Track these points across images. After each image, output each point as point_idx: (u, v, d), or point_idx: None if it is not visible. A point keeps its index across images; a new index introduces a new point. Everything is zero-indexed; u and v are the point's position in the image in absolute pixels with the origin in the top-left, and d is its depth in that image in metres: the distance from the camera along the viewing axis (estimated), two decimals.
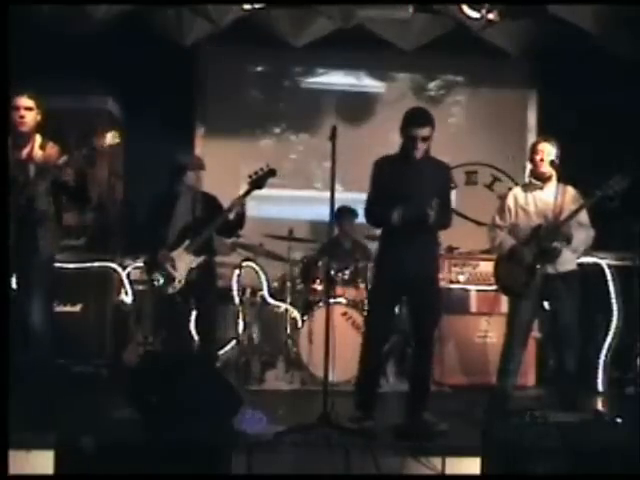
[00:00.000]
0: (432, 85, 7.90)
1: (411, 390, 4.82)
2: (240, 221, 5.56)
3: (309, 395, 5.60)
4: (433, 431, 4.47)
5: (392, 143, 7.65)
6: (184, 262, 5.47)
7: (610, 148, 6.73)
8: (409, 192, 4.62)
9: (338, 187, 4.90)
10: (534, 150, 5.13)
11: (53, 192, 4.78)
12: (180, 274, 5.47)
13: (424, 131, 4.65)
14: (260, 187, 5.47)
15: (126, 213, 7.33)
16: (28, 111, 4.72)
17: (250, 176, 5.45)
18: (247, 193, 5.47)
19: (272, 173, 5.45)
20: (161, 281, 5.49)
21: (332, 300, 5.65)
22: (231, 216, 5.49)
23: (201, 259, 5.50)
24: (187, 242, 5.49)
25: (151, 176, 6.57)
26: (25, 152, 4.76)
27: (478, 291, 6.24)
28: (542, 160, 5.05)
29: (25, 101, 4.71)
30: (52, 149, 4.79)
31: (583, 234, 5.05)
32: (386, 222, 4.66)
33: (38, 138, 4.82)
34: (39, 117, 4.80)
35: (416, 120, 4.70)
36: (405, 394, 4.91)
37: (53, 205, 4.82)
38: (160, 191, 5.81)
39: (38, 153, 4.78)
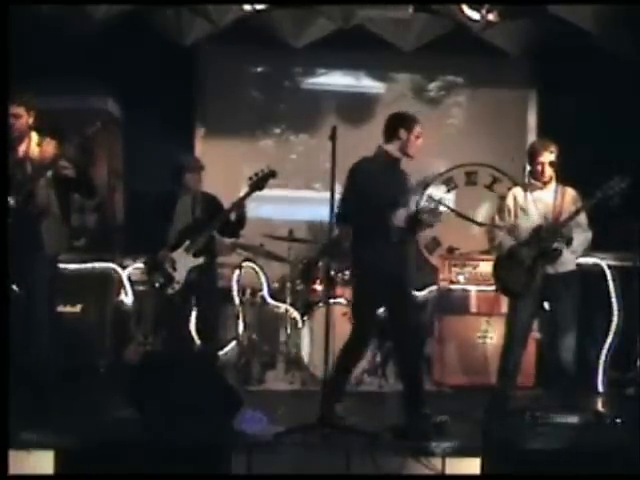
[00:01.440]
0: (432, 86, 7.88)
1: (405, 392, 4.80)
2: (241, 222, 5.57)
3: (309, 395, 5.60)
4: (434, 423, 4.46)
5: None
6: (184, 263, 5.48)
7: (610, 148, 6.72)
8: (401, 194, 4.74)
9: (338, 187, 4.89)
10: (533, 154, 5.12)
11: (56, 188, 4.79)
12: (180, 275, 5.47)
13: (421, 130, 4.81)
14: (260, 189, 5.47)
15: (126, 214, 7.33)
16: (17, 118, 4.74)
17: (250, 178, 5.46)
18: (247, 194, 5.48)
19: (272, 174, 5.46)
20: (161, 282, 5.50)
21: (332, 300, 5.64)
22: (232, 217, 5.50)
23: (201, 260, 5.51)
24: (187, 243, 5.49)
25: (151, 176, 6.57)
26: (21, 150, 4.77)
27: (478, 291, 6.24)
28: (541, 164, 5.05)
29: (13, 109, 4.71)
30: (49, 145, 4.81)
31: (582, 236, 5.05)
32: (383, 223, 4.64)
33: (35, 136, 4.83)
34: (31, 120, 4.82)
35: (417, 119, 4.83)
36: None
37: (57, 202, 4.83)
38: (160, 192, 5.82)
39: (35, 150, 4.79)
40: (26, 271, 4.74)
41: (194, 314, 5.88)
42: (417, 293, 6.67)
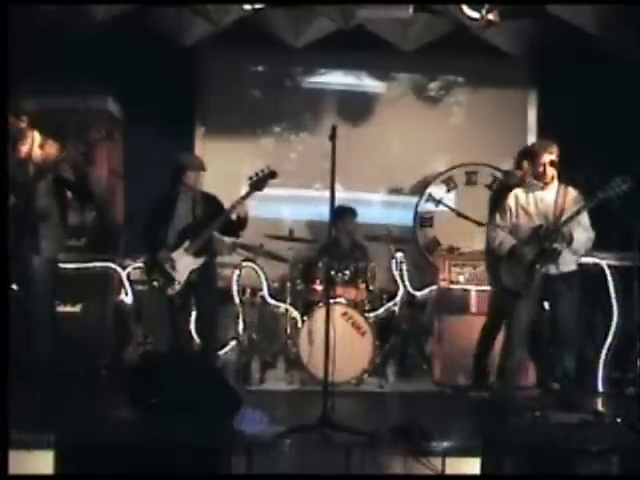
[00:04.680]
0: (432, 85, 7.88)
1: None
2: (243, 222, 5.58)
3: (309, 395, 5.60)
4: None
5: (392, 143, 7.74)
6: (184, 263, 5.48)
7: (610, 148, 6.73)
8: None
9: (338, 187, 4.90)
10: (533, 155, 5.12)
11: (55, 190, 4.80)
12: (180, 275, 5.47)
13: None
14: (260, 189, 5.48)
15: (126, 213, 7.33)
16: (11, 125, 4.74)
17: (250, 178, 5.47)
18: (247, 195, 5.49)
19: (272, 175, 5.47)
20: (161, 282, 5.49)
21: (332, 300, 5.64)
22: (233, 217, 5.51)
23: (201, 260, 5.51)
24: (187, 243, 5.50)
25: (151, 176, 6.58)
26: (23, 151, 4.77)
27: (478, 291, 6.23)
28: (542, 165, 5.06)
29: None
30: (51, 147, 4.81)
31: (584, 236, 5.05)
32: None
33: (37, 137, 4.83)
34: (23, 124, 4.82)
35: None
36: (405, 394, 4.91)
37: (56, 204, 4.84)
38: (160, 191, 5.82)
39: (37, 152, 4.79)
40: (24, 272, 4.75)
41: (194, 314, 5.88)
42: (417, 293, 6.70)
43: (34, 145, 4.81)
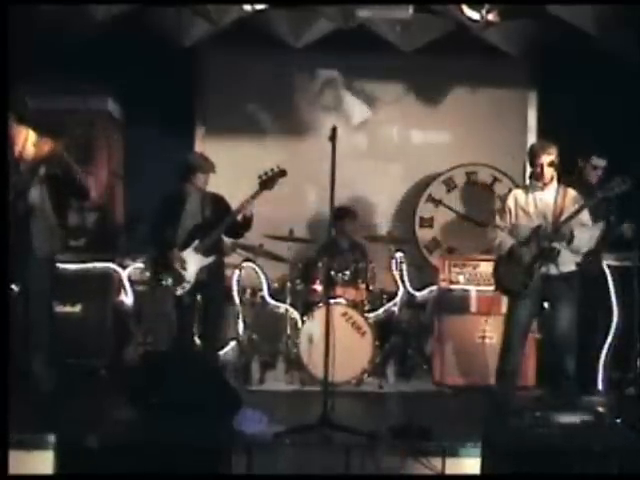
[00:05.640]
0: (432, 86, 7.87)
1: None
2: (248, 223, 5.58)
3: (309, 395, 5.60)
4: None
5: (392, 143, 7.75)
6: (193, 262, 5.49)
7: (610, 148, 6.72)
8: None
9: (338, 187, 4.89)
10: (534, 155, 5.13)
11: (49, 188, 4.78)
12: (190, 274, 5.48)
13: None
14: (270, 188, 5.47)
15: (127, 214, 7.33)
16: None
17: (260, 177, 5.47)
18: (257, 194, 5.48)
19: (282, 174, 5.47)
20: (170, 281, 5.49)
21: (332, 300, 5.64)
22: (239, 217, 5.50)
23: (210, 259, 5.52)
24: (196, 242, 5.50)
25: (151, 176, 6.58)
26: (17, 150, 4.76)
27: (478, 291, 6.23)
28: (540, 165, 5.06)
29: None
30: (45, 145, 4.79)
31: (586, 234, 5.05)
32: None
33: (32, 136, 4.82)
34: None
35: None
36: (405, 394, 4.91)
37: (50, 203, 4.82)
38: (161, 191, 5.82)
39: (30, 150, 4.78)
40: (20, 272, 4.74)
41: (200, 313, 5.87)
42: (417, 293, 6.70)
43: (27, 143, 4.80)
